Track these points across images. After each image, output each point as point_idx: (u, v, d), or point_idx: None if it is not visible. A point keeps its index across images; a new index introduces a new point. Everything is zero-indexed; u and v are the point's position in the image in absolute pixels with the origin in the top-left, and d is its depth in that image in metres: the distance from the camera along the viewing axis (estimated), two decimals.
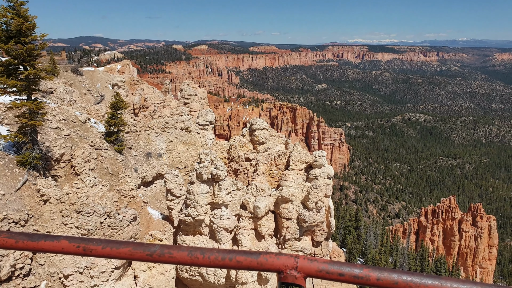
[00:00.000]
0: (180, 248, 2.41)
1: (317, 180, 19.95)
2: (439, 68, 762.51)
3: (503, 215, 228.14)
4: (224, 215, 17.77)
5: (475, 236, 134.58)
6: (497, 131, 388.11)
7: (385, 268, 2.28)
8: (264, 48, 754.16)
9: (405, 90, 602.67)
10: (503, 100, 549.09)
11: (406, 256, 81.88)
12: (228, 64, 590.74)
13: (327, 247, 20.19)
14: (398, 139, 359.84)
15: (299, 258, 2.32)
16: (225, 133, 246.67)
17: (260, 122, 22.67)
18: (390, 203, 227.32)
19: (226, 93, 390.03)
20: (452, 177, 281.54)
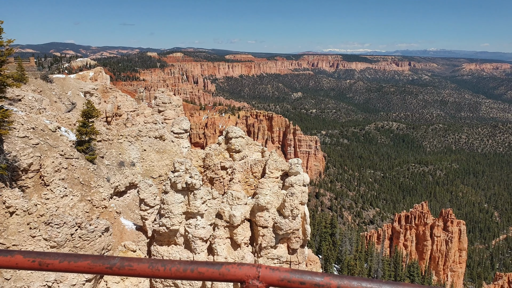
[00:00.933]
0: (141, 260, 2.37)
1: (293, 187, 19.97)
2: (411, 77, 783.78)
3: (472, 220, 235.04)
4: (199, 225, 17.53)
5: (446, 241, 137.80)
6: (466, 139, 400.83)
7: (346, 276, 2.29)
8: (240, 56, 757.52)
9: (378, 98, 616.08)
10: (471, 109, 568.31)
11: (380, 262, 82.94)
12: (204, 72, 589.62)
13: (302, 254, 20.18)
14: (372, 146, 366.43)
15: (261, 268, 2.33)
16: (201, 141, 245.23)
17: (236, 130, 22.58)
18: (364, 210, 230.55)
19: (202, 101, 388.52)
20: (424, 183, 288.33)
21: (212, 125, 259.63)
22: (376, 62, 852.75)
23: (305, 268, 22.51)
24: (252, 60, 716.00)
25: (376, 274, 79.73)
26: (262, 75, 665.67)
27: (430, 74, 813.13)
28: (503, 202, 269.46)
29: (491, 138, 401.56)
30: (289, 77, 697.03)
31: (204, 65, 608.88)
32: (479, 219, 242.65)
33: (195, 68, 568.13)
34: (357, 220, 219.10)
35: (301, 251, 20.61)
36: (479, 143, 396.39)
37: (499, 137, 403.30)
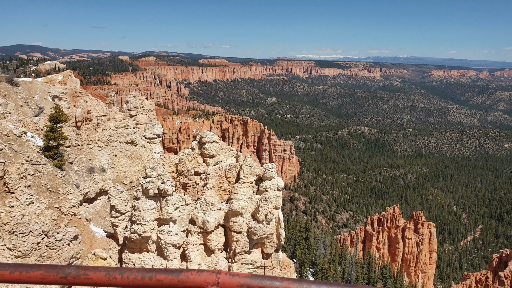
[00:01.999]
0: (97, 268, 2.31)
1: (267, 192, 19.91)
2: (382, 83, 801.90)
3: (442, 222, 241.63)
4: (172, 231, 17.22)
5: (417, 243, 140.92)
6: (435, 143, 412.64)
7: (305, 280, 2.29)
8: (214, 60, 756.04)
9: (351, 104, 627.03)
10: (440, 114, 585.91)
11: (354, 265, 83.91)
12: (177, 76, 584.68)
13: (277, 258, 20.12)
14: (345, 151, 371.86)
15: (221, 274, 2.32)
16: (174, 146, 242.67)
17: (210, 135, 22.39)
18: (338, 213, 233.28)
19: (175, 106, 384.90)
20: (396, 186, 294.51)
21: (186, 130, 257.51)
22: (349, 68, 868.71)
23: (280, 272, 22.48)
24: (227, 65, 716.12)
25: (350, 277, 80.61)
26: (236, 80, 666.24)
27: (401, 80, 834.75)
28: (470, 204, 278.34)
29: (459, 142, 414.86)
30: (263, 82, 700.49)
31: (177, 69, 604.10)
32: (448, 221, 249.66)
33: (168, 72, 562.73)
34: (331, 224, 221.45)
35: (276, 255, 20.55)
36: (448, 147, 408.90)
37: (466, 141, 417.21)
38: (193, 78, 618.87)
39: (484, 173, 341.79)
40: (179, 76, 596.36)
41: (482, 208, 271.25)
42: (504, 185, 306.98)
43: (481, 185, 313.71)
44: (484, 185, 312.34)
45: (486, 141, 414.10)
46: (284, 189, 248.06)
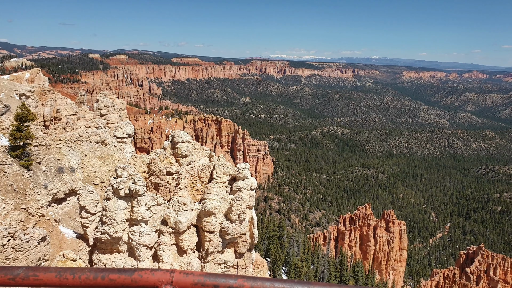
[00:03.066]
0: (47, 269, 2.24)
1: (241, 192, 20.00)
2: (355, 84, 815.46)
3: (412, 220, 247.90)
4: (143, 232, 17.05)
5: (388, 241, 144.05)
6: (406, 143, 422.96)
7: (259, 278, 2.30)
8: (187, 59, 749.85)
9: (324, 104, 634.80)
10: (411, 114, 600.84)
11: (326, 263, 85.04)
12: (149, 75, 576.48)
13: (250, 258, 20.24)
14: (318, 151, 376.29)
15: (175, 273, 2.33)
16: (146, 146, 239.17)
17: (182, 135, 22.27)
18: (311, 212, 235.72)
19: (147, 105, 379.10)
20: (367, 186, 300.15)
21: (158, 130, 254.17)
22: (322, 69, 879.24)
23: (253, 271, 22.61)
24: (200, 64, 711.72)
25: (323, 275, 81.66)
26: (210, 79, 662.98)
27: (373, 81, 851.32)
28: (439, 203, 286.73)
29: (428, 142, 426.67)
30: (237, 82, 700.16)
31: (149, 68, 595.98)
32: (418, 219, 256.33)
33: (140, 71, 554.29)
34: (304, 223, 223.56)
35: (248, 255, 20.65)
36: (418, 147, 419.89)
37: (436, 141, 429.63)
38: (166, 77, 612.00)
39: (452, 172, 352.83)
40: (152, 75, 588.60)
41: (450, 206, 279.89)
42: (472, 184, 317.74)
43: (449, 184, 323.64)
44: (453, 184, 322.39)
45: (454, 141, 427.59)
46: (258, 188, 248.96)
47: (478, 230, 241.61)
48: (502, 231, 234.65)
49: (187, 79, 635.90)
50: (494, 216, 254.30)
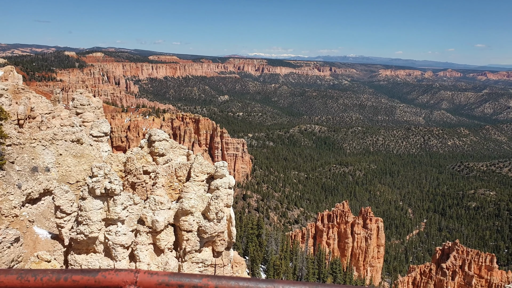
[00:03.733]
0: (8, 271, 2.21)
1: (219, 190, 20.07)
2: (332, 82, 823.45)
3: (389, 217, 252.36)
4: (120, 231, 16.94)
5: (365, 238, 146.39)
6: (382, 140, 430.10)
7: (225, 276, 2.30)
8: (164, 57, 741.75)
9: (302, 102, 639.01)
10: (387, 112, 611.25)
11: (305, 260, 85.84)
12: (126, 73, 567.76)
13: (227, 256, 20.34)
14: (296, 148, 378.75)
15: (139, 273, 2.30)
16: (123, 144, 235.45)
17: (159, 133, 22.17)
18: (289, 210, 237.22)
19: (124, 103, 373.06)
20: (345, 183, 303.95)
21: (135, 128, 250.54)
22: (300, 67, 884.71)
23: (231, 270, 22.70)
24: (177, 62, 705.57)
25: (301, 273, 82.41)
26: (188, 77, 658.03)
27: (350, 79, 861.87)
28: (415, 200, 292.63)
29: (405, 140, 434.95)
30: (215, 80, 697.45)
31: (126, 66, 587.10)
32: (395, 216, 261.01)
33: (116, 69, 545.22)
34: (283, 220, 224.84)
35: (226, 253, 20.75)
36: (394, 144, 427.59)
37: (412, 139, 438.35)
38: (143, 75, 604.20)
39: (428, 169, 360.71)
40: (128, 72, 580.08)
41: (426, 203, 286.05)
42: (447, 181, 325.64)
43: (425, 181, 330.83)
44: (429, 181, 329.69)
45: (430, 139, 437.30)
46: (237, 187, 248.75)
47: (453, 226, 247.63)
48: (477, 227, 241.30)
49: (165, 77, 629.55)
50: (469, 212, 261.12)
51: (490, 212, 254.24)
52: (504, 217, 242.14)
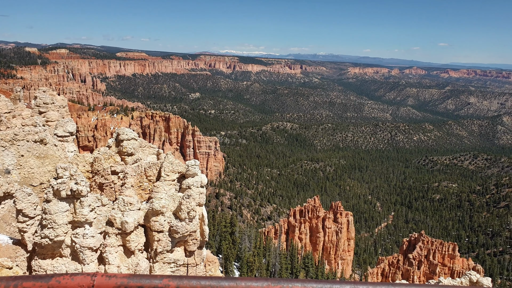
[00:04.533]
0: None
1: (190, 189, 19.71)
2: (303, 80, 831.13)
3: (358, 211, 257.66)
4: (88, 234, 16.36)
5: (336, 231, 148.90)
6: (351, 137, 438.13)
7: (185, 276, 2.26)
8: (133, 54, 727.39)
9: (274, 100, 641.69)
10: (356, 109, 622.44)
11: (278, 256, 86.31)
12: (92, 70, 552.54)
13: (200, 255, 20.06)
14: (268, 146, 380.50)
15: (97, 276, 2.21)
16: (90, 144, 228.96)
17: (128, 132, 21.56)
18: (262, 207, 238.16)
19: (90, 101, 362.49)
20: (316, 179, 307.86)
21: (102, 127, 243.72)
22: (271, 65, 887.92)
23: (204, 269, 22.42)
24: (146, 59, 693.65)
25: (274, 268, 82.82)
26: (157, 74, 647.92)
27: (320, 77, 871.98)
28: (383, 193, 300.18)
29: (373, 136, 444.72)
30: (186, 77, 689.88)
31: (92, 63, 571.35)
32: (364, 209, 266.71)
33: (82, 66, 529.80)
34: (256, 217, 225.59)
35: (199, 252, 20.45)
36: (363, 140, 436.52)
37: (379, 134, 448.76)
38: (110, 72, 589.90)
39: (395, 164, 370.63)
40: (95, 70, 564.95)
41: (394, 196, 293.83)
42: (413, 175, 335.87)
43: (393, 175, 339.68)
44: (396, 175, 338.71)
45: (397, 134, 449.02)
46: (210, 185, 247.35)
47: (419, 217, 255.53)
48: (440, 218, 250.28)
49: (133, 74, 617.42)
50: (433, 204, 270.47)
51: (452, 203, 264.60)
52: (465, 208, 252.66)
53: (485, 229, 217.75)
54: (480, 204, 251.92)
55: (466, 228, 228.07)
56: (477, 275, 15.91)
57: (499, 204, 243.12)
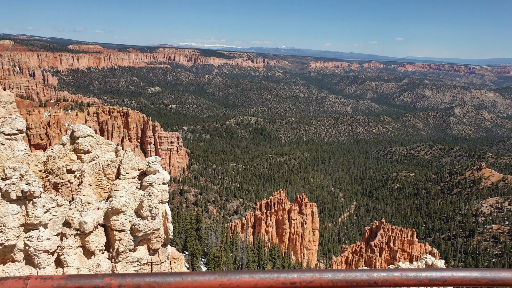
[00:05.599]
0: None
1: (152, 187, 19.09)
2: (266, 74, 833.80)
3: (322, 202, 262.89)
4: (42, 236, 15.50)
5: (301, 223, 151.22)
6: (314, 130, 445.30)
7: (128, 274, 2.19)
8: (86, 46, 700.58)
9: (237, 94, 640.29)
10: (318, 103, 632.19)
11: (244, 250, 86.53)
12: (42, 64, 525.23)
13: (164, 253, 19.55)
14: (233, 140, 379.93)
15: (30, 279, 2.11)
16: (43, 142, 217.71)
17: (83, 129, 20.51)
18: (229, 202, 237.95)
19: (41, 97, 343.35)
20: (281, 172, 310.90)
21: (56, 124, 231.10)
22: (233, 58, 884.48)
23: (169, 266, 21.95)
24: (102, 52, 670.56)
25: (241, 262, 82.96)
26: (114, 68, 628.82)
27: (282, 71, 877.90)
28: (345, 184, 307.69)
29: (334, 129, 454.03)
30: (144, 71, 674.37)
31: (42, 56, 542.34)
32: (327, 200, 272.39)
33: (30, 59, 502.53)
34: (222, 212, 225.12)
35: (163, 250, 19.92)
36: (325, 133, 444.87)
37: (341, 127, 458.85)
38: (62, 65, 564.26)
39: (356, 155, 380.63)
40: (45, 63, 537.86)
41: (355, 186, 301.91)
42: (373, 165, 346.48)
43: (354, 166, 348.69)
44: (357, 166, 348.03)
45: (357, 127, 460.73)
46: (173, 182, 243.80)
47: (380, 206, 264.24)
48: (400, 206, 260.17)
49: (88, 68, 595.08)
50: (393, 193, 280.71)
51: (410, 192, 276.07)
52: (422, 196, 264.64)
53: (440, 215, 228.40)
54: (436, 191, 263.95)
55: (423, 214, 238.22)
56: (432, 259, 16.61)
57: (453, 191, 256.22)
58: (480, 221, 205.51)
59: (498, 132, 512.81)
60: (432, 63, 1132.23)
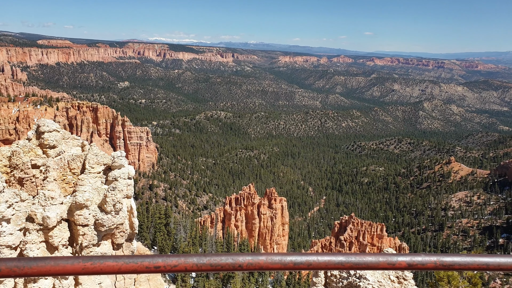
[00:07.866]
0: None
1: (117, 181, 19.46)
2: (235, 69, 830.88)
3: (292, 196, 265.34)
4: (5, 231, 15.66)
5: (271, 217, 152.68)
6: (284, 124, 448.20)
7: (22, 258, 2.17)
8: (56, 42, 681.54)
9: (206, 88, 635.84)
10: (287, 97, 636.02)
11: (214, 244, 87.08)
12: (11, 59, 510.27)
13: (129, 248, 19.97)
14: (203, 135, 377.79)
15: None
16: (12, 137, 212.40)
17: (49, 123, 20.69)
18: (198, 196, 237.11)
19: (10, 92, 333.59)
20: (251, 166, 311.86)
21: (25, 119, 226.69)
22: (202, 53, 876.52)
23: None
24: (71, 47, 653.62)
25: None
26: (83, 63, 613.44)
27: (252, 65, 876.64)
28: (315, 179, 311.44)
29: (304, 123, 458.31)
30: (114, 66, 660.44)
31: (11, 51, 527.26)
32: (297, 194, 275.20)
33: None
34: (192, 207, 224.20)
35: (128, 245, 20.32)
36: (295, 128, 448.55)
37: (310, 122, 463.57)
38: (32, 61, 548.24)
39: (325, 150, 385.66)
40: (14, 58, 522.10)
41: (325, 181, 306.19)
42: (342, 160, 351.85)
43: (323, 160, 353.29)
44: (326, 161, 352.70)
45: (326, 121, 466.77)
46: (143, 177, 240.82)
47: (349, 201, 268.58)
48: (369, 200, 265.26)
49: (57, 63, 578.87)
50: (362, 187, 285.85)
51: (380, 186, 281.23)
52: (392, 190, 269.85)
53: (409, 209, 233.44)
54: (405, 186, 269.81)
55: (392, 209, 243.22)
56: (393, 252, 17.73)
57: (422, 185, 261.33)
58: (450, 215, 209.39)
59: (467, 126, 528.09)
60: (401, 57, 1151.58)
